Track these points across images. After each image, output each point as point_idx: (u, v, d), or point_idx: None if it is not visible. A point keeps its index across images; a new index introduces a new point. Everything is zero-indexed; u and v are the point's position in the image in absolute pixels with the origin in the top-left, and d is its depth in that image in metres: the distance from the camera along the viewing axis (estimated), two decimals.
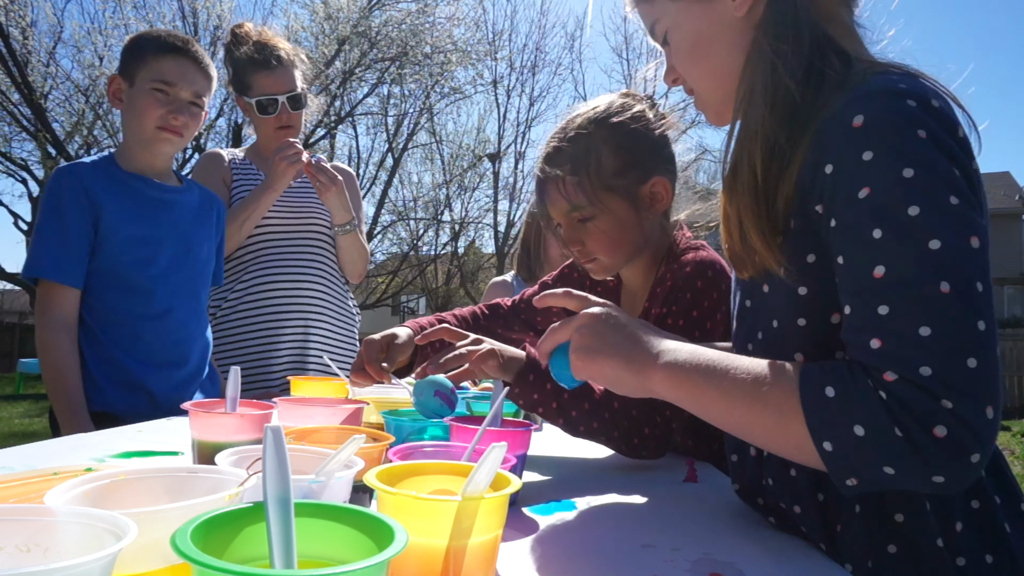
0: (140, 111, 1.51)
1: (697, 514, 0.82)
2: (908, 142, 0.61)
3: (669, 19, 0.83)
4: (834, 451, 0.59)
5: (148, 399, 1.49)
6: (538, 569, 0.61)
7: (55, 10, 10.21)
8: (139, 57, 1.53)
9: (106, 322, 1.49)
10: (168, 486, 0.51)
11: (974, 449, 0.55)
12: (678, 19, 0.82)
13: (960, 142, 0.63)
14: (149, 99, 1.51)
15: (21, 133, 10.10)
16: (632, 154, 1.14)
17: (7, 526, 0.39)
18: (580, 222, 1.15)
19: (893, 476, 0.57)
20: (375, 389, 1.44)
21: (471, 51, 12.83)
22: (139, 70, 1.52)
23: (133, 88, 1.53)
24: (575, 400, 1.02)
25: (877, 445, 0.57)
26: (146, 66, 1.52)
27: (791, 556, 0.67)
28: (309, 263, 1.96)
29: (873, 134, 0.62)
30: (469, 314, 1.48)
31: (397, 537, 0.37)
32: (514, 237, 16.07)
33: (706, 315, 1.09)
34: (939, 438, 0.55)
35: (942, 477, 0.56)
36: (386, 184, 14.57)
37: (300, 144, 1.84)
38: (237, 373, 0.92)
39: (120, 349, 1.49)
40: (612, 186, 1.13)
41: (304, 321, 1.93)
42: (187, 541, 0.34)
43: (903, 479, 0.58)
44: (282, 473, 0.39)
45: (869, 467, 0.58)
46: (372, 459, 0.68)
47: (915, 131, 0.61)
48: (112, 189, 1.51)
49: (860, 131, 0.63)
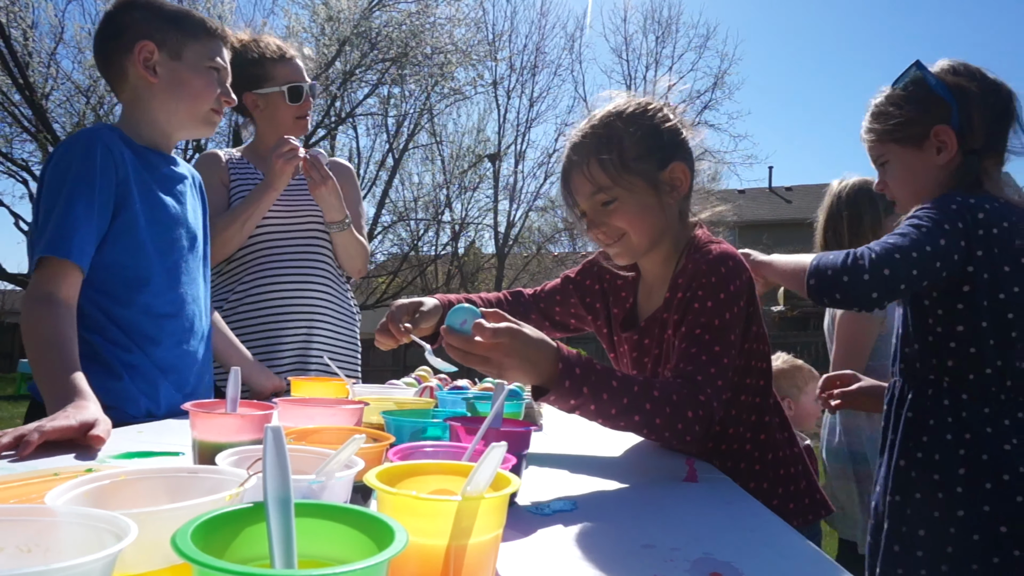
0: (196, 90, 1.43)
1: (697, 514, 0.82)
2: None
3: (892, 155, 1.39)
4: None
5: (157, 403, 1.41)
6: (538, 569, 0.61)
7: (56, 11, 10.23)
8: (189, 32, 1.43)
9: (128, 321, 1.37)
10: (169, 486, 0.51)
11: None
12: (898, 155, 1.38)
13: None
14: (207, 79, 1.44)
15: (22, 134, 10.11)
16: (653, 140, 1.20)
17: (8, 526, 0.39)
18: (604, 205, 1.21)
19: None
20: (375, 389, 1.44)
21: (471, 52, 12.85)
22: (190, 45, 1.43)
23: (180, 62, 1.42)
24: (613, 399, 0.99)
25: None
26: (199, 43, 1.44)
27: (791, 556, 0.68)
28: (311, 262, 1.96)
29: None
30: (494, 298, 1.51)
31: (397, 537, 0.37)
32: (514, 238, 16.08)
33: (731, 300, 1.11)
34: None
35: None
36: (386, 184, 14.58)
37: (297, 142, 1.85)
38: (238, 374, 0.92)
39: (141, 350, 1.38)
40: (634, 169, 1.19)
41: (308, 321, 1.93)
42: (187, 541, 0.34)
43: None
44: (282, 473, 0.39)
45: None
46: (372, 459, 0.68)
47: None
48: (136, 164, 1.39)
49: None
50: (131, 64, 1.40)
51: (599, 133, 1.20)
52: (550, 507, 0.82)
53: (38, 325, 1.21)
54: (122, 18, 1.42)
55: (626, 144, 1.19)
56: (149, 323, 1.40)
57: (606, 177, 1.19)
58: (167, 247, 1.43)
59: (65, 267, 1.26)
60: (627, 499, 0.88)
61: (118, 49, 1.41)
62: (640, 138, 1.19)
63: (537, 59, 16.66)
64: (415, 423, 0.90)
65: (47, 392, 1.14)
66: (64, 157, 1.32)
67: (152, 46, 1.39)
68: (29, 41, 9.55)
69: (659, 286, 1.27)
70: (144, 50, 1.39)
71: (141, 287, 1.38)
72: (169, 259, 1.44)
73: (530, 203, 16.41)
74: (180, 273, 1.46)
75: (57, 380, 1.14)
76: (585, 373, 0.98)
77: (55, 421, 0.96)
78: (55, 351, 1.18)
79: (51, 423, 0.96)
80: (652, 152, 1.20)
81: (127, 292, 1.37)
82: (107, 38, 1.44)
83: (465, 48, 12.68)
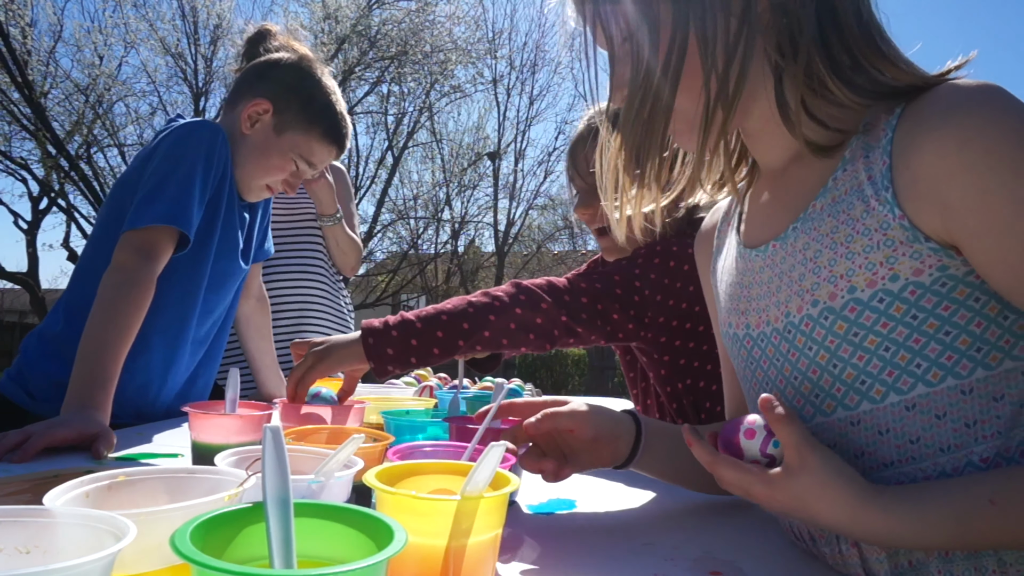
0: (265, 164, 1.37)
1: (697, 513, 0.82)
2: None
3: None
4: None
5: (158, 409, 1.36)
6: (538, 569, 0.61)
7: (55, 9, 10.22)
8: (306, 122, 1.37)
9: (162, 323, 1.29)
10: (168, 487, 0.51)
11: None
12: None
13: None
14: (282, 163, 1.37)
15: (21, 132, 10.09)
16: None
17: (7, 527, 0.39)
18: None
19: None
20: (375, 389, 1.44)
21: (471, 50, 12.84)
22: (294, 130, 1.36)
23: (277, 136, 1.36)
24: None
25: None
26: (305, 136, 1.37)
27: (791, 555, 0.68)
28: (304, 261, 1.97)
29: None
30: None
31: (396, 537, 0.37)
32: (514, 236, 16.08)
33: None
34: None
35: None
36: (386, 183, 14.56)
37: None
38: (236, 374, 0.92)
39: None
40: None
41: (298, 319, 1.94)
42: (186, 541, 0.34)
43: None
44: (281, 473, 0.39)
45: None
46: (372, 459, 0.68)
47: None
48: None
49: None
50: (244, 106, 1.37)
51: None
52: (550, 506, 0.82)
53: (130, 297, 1.12)
54: (274, 71, 1.39)
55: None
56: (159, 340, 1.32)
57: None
58: (216, 279, 1.37)
59: (172, 239, 1.21)
60: (627, 498, 0.88)
61: (250, 88, 1.38)
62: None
63: (537, 57, 16.62)
64: (415, 423, 0.90)
65: (78, 375, 1.05)
66: (187, 137, 1.27)
67: (269, 107, 1.36)
68: (28, 39, 9.54)
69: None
70: (258, 106, 1.35)
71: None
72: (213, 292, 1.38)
73: (530, 201, 16.42)
74: (213, 307, 1.41)
75: (94, 375, 1.05)
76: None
77: (54, 429, 0.94)
78: (117, 344, 1.09)
79: (50, 430, 0.94)
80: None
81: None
82: (253, 73, 1.40)
83: (465, 46, 12.67)
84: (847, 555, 0.63)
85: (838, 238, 0.60)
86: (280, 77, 1.38)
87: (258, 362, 1.64)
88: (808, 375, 0.63)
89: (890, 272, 0.57)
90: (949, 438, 0.57)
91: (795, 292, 0.64)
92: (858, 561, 0.62)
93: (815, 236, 0.62)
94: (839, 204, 0.61)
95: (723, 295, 0.77)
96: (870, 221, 0.58)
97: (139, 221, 1.18)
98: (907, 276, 0.56)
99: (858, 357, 0.59)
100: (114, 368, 1.07)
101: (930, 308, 0.56)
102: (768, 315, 0.68)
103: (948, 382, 0.56)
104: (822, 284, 0.61)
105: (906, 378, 0.58)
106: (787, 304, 0.65)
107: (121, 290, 1.12)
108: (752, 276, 0.70)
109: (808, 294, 0.62)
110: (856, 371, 0.60)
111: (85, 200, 10.56)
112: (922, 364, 0.57)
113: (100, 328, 1.08)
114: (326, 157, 1.42)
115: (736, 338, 0.73)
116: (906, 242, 0.56)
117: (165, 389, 1.36)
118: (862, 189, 0.59)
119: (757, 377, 0.70)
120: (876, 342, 0.58)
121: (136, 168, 1.29)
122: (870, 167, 0.59)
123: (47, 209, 11.58)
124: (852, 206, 0.60)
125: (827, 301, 0.61)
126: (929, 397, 0.57)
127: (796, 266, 0.64)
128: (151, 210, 1.18)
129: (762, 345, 0.69)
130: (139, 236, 1.17)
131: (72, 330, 1.17)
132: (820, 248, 0.62)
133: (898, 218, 0.56)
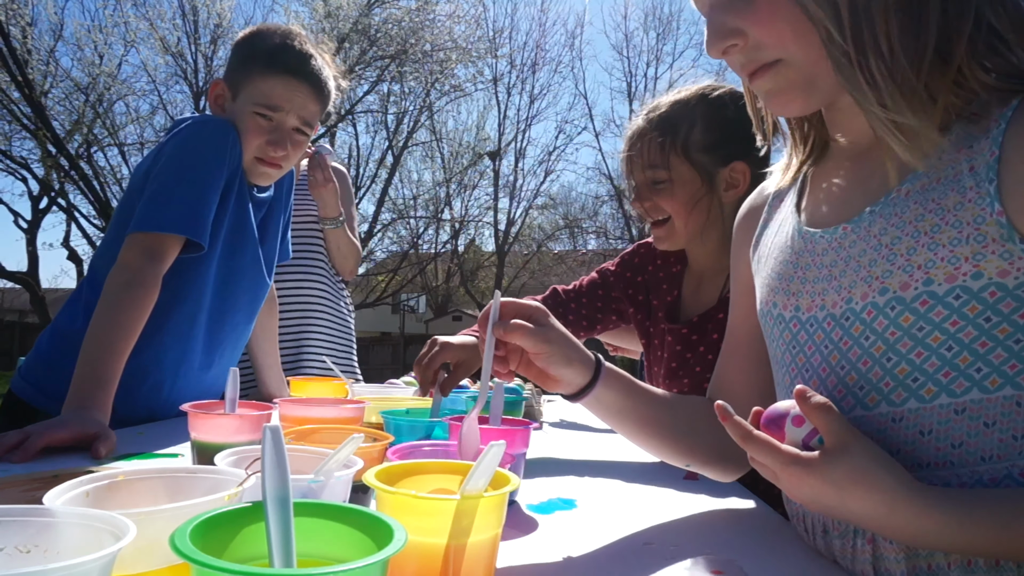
0: (244, 137, 1.27)
1: (698, 513, 0.82)
2: None
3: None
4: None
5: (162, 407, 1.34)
6: (538, 568, 0.61)
7: (55, 8, 10.22)
8: (245, 68, 1.28)
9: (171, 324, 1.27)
10: (167, 487, 0.51)
11: None
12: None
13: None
14: (249, 123, 1.26)
15: (21, 131, 10.11)
16: (722, 134, 1.17)
17: (7, 527, 0.39)
18: (654, 184, 1.20)
19: None
20: (375, 389, 1.44)
21: (471, 49, 12.85)
22: (243, 84, 1.27)
23: (235, 103, 1.28)
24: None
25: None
26: (251, 83, 1.26)
27: (791, 554, 0.67)
28: (306, 262, 1.97)
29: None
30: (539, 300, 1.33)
31: (396, 536, 0.37)
32: (514, 235, 16.08)
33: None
34: None
35: None
36: (386, 182, 14.58)
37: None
38: (236, 374, 0.92)
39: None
40: (694, 160, 1.17)
41: (302, 320, 1.94)
42: (186, 541, 0.34)
43: None
44: (281, 473, 0.39)
45: None
46: (371, 459, 0.68)
47: None
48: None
49: None
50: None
51: (674, 113, 1.18)
52: (550, 506, 0.82)
53: (134, 298, 1.10)
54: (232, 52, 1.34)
55: (695, 132, 1.17)
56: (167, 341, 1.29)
57: (662, 160, 1.17)
58: (228, 276, 1.34)
59: (180, 240, 1.17)
60: (627, 498, 0.88)
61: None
62: (712, 128, 1.17)
63: (537, 56, 16.65)
64: (414, 423, 0.90)
65: (79, 374, 1.04)
66: (198, 135, 1.24)
67: (222, 85, 1.30)
68: (28, 38, 9.55)
69: (708, 278, 1.25)
70: (215, 88, 1.31)
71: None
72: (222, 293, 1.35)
73: (530, 200, 16.43)
74: (228, 306, 1.38)
75: (95, 375, 1.04)
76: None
77: (54, 429, 0.94)
78: (120, 344, 1.07)
79: (49, 430, 0.93)
80: (718, 147, 1.17)
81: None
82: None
83: (465, 45, 12.67)
84: (860, 550, 0.61)
85: (922, 227, 0.57)
86: (231, 53, 1.34)
87: (261, 362, 1.64)
88: (857, 366, 0.61)
89: (974, 269, 0.54)
90: (994, 448, 0.55)
91: (862, 278, 0.61)
92: (869, 558, 0.60)
93: (895, 222, 0.59)
94: (929, 192, 0.57)
95: (769, 274, 0.73)
96: (963, 213, 0.55)
97: (148, 225, 1.16)
98: (991, 276, 0.53)
99: (916, 353, 0.57)
100: (115, 368, 1.06)
101: (1006, 313, 0.53)
102: (824, 299, 0.64)
103: (1005, 391, 0.54)
104: (895, 272, 0.58)
105: (962, 381, 0.55)
106: (850, 290, 0.62)
107: (125, 290, 1.11)
108: (811, 258, 0.67)
109: (877, 281, 0.59)
110: (911, 367, 0.57)
111: (85, 199, 10.58)
112: (983, 369, 0.54)
113: (103, 328, 1.08)
114: (287, 93, 1.26)
115: (781, 319, 0.70)
116: (999, 240, 0.53)
117: (176, 388, 1.33)
118: (960, 179, 0.55)
119: (798, 362, 0.67)
120: (940, 340, 0.56)
121: (150, 163, 1.25)
122: (973, 157, 0.55)
123: (47, 208, 11.60)
124: (945, 195, 0.56)
125: (898, 291, 0.57)
126: (982, 404, 0.55)
127: (868, 251, 0.61)
128: (163, 215, 1.16)
129: (810, 330, 0.65)
130: (148, 237, 1.16)
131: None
132: (899, 235, 0.58)
133: (996, 214, 0.53)
